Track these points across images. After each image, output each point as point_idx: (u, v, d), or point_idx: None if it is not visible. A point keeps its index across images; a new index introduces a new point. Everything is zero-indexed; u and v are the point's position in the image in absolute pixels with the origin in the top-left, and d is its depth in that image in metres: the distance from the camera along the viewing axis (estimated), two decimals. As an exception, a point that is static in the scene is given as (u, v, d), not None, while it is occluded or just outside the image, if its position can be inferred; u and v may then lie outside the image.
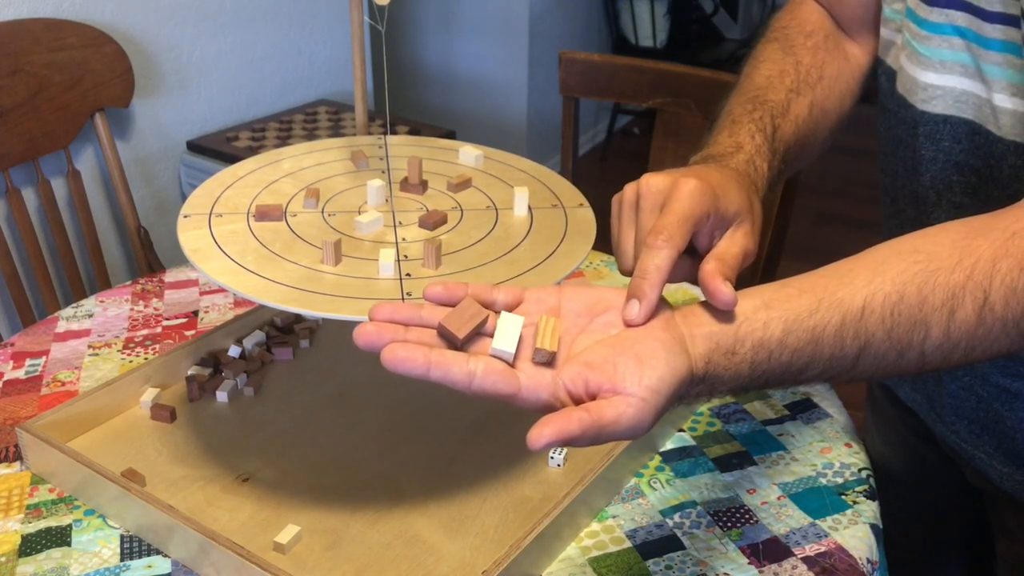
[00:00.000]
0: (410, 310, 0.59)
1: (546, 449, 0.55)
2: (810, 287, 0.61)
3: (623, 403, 0.56)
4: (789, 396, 0.97)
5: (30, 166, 1.61)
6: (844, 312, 0.60)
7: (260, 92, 2.10)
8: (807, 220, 3.18)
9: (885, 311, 0.60)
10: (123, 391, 0.94)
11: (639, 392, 0.56)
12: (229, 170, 0.94)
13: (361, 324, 0.57)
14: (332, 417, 0.94)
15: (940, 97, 0.77)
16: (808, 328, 0.59)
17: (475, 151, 0.98)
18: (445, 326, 0.57)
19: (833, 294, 0.60)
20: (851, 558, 0.77)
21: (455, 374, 0.55)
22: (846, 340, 0.60)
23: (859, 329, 0.60)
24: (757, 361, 0.59)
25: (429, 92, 3.36)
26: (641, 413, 0.56)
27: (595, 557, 0.78)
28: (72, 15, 1.68)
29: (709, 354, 0.59)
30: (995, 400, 0.84)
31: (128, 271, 1.91)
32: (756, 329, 0.59)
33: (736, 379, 0.60)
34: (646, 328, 0.59)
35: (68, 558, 0.78)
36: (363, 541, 0.79)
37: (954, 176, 0.78)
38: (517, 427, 0.92)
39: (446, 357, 0.56)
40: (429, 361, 0.55)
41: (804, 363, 0.60)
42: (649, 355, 0.57)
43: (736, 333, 0.59)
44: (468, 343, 0.58)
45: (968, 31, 0.73)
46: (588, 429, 0.54)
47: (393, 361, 0.55)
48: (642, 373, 0.56)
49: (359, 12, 0.96)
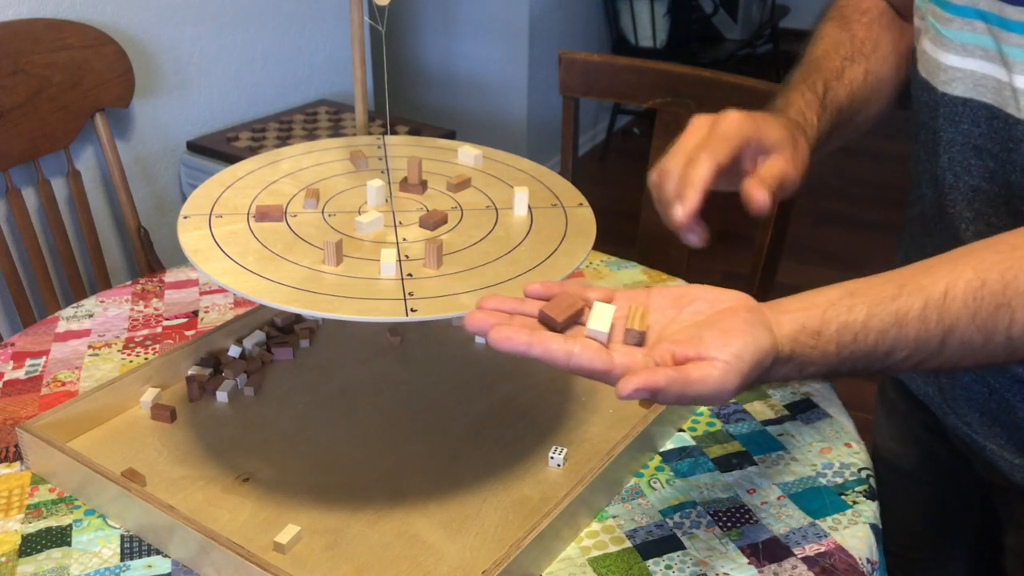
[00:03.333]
0: (513, 302, 0.65)
1: (633, 397, 0.58)
2: (893, 276, 0.64)
3: (708, 365, 0.59)
4: (789, 396, 0.97)
5: (30, 166, 1.61)
6: (927, 297, 0.62)
7: (260, 92, 2.10)
8: (807, 220, 3.18)
9: (968, 296, 0.62)
10: (123, 391, 0.94)
11: (723, 357, 0.59)
12: (228, 170, 0.94)
13: (470, 312, 0.63)
14: (332, 417, 0.94)
15: (960, 80, 0.78)
16: (891, 311, 0.62)
17: (474, 151, 0.98)
18: (546, 312, 0.63)
19: (916, 281, 0.63)
20: (851, 558, 0.77)
21: (555, 351, 0.60)
22: (930, 324, 0.62)
23: (943, 313, 0.62)
24: (843, 343, 0.62)
25: (429, 92, 3.36)
26: (725, 376, 0.59)
27: (595, 557, 0.78)
28: (72, 15, 1.68)
29: (795, 335, 0.62)
30: (1007, 390, 0.84)
31: (128, 271, 1.91)
32: (841, 313, 0.62)
33: (824, 360, 0.62)
34: (731, 310, 0.63)
35: (68, 558, 0.78)
36: (363, 541, 0.79)
37: (972, 159, 0.79)
38: (517, 427, 0.92)
39: (546, 337, 0.61)
40: (531, 340, 0.60)
41: (889, 346, 0.62)
42: (733, 328, 0.61)
43: (822, 316, 0.62)
44: (566, 329, 0.64)
45: (990, 14, 0.73)
46: (673, 382, 0.58)
47: (499, 340, 0.60)
48: (726, 341, 0.60)
49: (359, 12, 0.96)
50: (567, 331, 0.63)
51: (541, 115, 3.33)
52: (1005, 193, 0.77)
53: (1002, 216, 0.78)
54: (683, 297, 0.66)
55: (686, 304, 0.65)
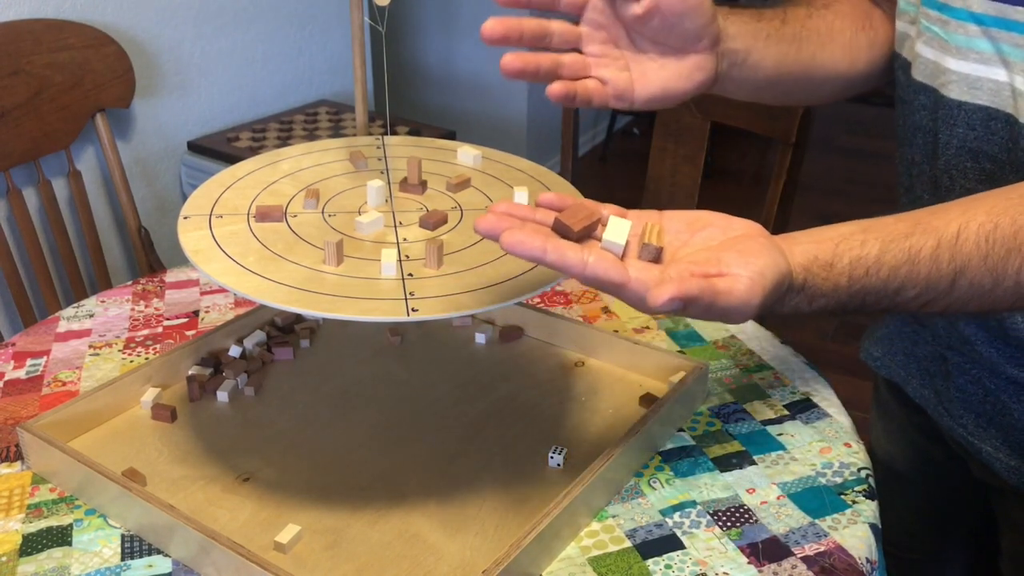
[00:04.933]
0: (526, 210, 0.64)
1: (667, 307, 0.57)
2: (906, 217, 0.65)
3: (733, 279, 0.60)
4: (789, 396, 0.97)
5: (31, 166, 1.61)
6: (939, 236, 0.63)
7: (260, 92, 2.10)
8: (807, 220, 3.17)
9: (980, 237, 0.62)
10: (124, 391, 0.94)
11: (747, 273, 0.60)
12: (228, 171, 0.94)
13: (480, 216, 0.61)
14: (332, 417, 0.94)
15: (956, 83, 0.78)
16: (904, 249, 0.63)
17: (473, 151, 0.99)
18: (562, 220, 0.61)
19: (929, 222, 0.64)
20: (850, 558, 0.77)
21: (570, 258, 0.59)
22: (942, 263, 0.62)
23: (955, 253, 0.63)
24: (855, 276, 0.63)
25: (429, 92, 3.36)
26: (750, 290, 0.59)
27: (595, 557, 0.78)
28: (73, 15, 1.68)
29: (808, 264, 0.62)
30: (1003, 392, 0.84)
31: (129, 271, 1.91)
32: (854, 247, 0.63)
33: (835, 292, 0.63)
34: (746, 235, 0.63)
35: (69, 558, 0.78)
36: (363, 541, 0.79)
37: (968, 162, 0.79)
38: (517, 427, 0.93)
39: (562, 244, 0.59)
40: (546, 246, 0.58)
41: (900, 283, 0.63)
42: (751, 250, 0.61)
43: (835, 248, 0.63)
44: (581, 240, 0.62)
45: (986, 17, 0.73)
46: (705, 291, 0.58)
47: (511, 243, 0.58)
48: (747, 260, 0.60)
49: (359, 12, 0.96)
50: (582, 242, 0.62)
51: (541, 115, 3.33)
52: None
53: None
54: (696, 222, 0.65)
55: (699, 229, 0.65)
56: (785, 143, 1.34)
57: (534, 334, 1.07)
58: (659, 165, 1.43)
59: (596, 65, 0.75)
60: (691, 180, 1.41)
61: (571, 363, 1.02)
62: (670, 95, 0.77)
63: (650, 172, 1.44)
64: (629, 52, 0.76)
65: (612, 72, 0.75)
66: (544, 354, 1.04)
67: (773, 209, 1.34)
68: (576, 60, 0.74)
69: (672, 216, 0.66)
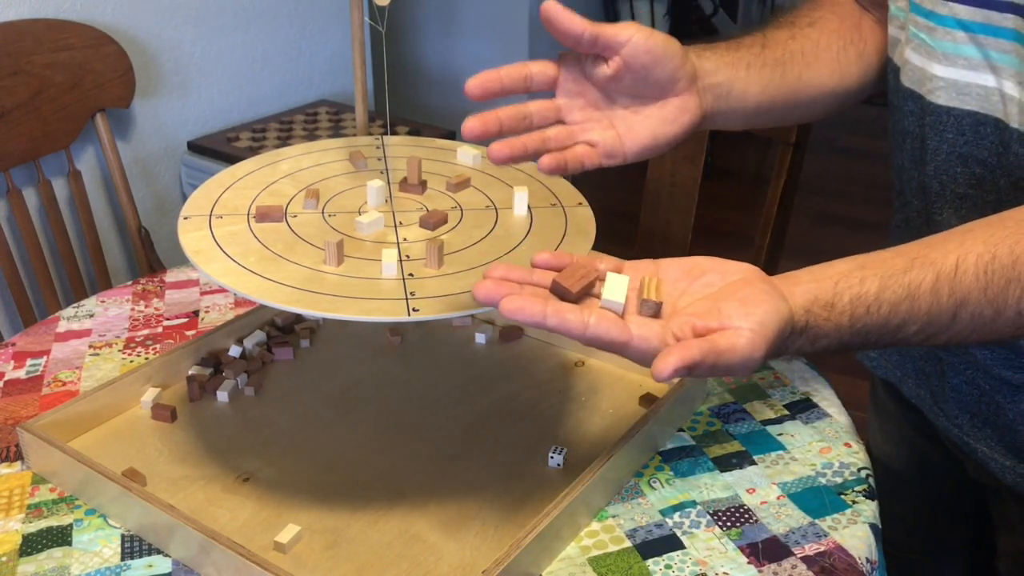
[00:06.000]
0: (523, 272, 0.64)
1: (672, 378, 0.57)
2: (903, 251, 0.64)
3: (734, 334, 0.59)
4: (789, 396, 0.97)
5: (31, 166, 1.61)
6: (938, 270, 0.62)
7: (260, 92, 2.10)
8: (807, 220, 3.18)
9: (979, 269, 0.62)
10: (124, 391, 0.94)
11: (748, 325, 0.59)
12: (228, 171, 0.94)
13: (478, 282, 0.61)
14: (332, 417, 0.94)
15: (943, 89, 0.78)
16: (904, 284, 0.62)
17: (473, 151, 0.99)
18: (559, 282, 0.62)
19: (926, 255, 0.63)
20: (850, 558, 0.77)
21: (571, 322, 0.59)
22: (942, 297, 0.62)
23: (954, 286, 0.62)
24: (856, 315, 0.62)
25: (429, 92, 3.36)
26: (753, 344, 0.59)
27: (595, 557, 0.78)
28: (73, 16, 1.68)
29: (808, 306, 0.62)
30: (997, 393, 0.84)
31: (129, 271, 1.91)
32: (853, 285, 0.62)
33: (837, 333, 0.62)
34: (744, 280, 0.63)
35: (69, 558, 0.78)
36: (363, 541, 0.79)
37: (958, 168, 0.79)
38: (517, 427, 0.93)
39: (562, 307, 0.60)
40: (546, 310, 0.59)
41: (902, 319, 0.62)
42: (751, 298, 0.61)
43: (834, 288, 0.62)
44: (579, 300, 0.62)
45: (973, 23, 0.73)
46: (707, 354, 0.57)
47: (512, 310, 0.59)
48: (748, 311, 0.60)
49: (359, 12, 0.96)
50: (581, 303, 0.62)
51: (541, 115, 3.33)
52: (994, 199, 0.77)
53: None
54: (693, 269, 0.66)
55: (696, 276, 0.65)
56: (785, 143, 1.34)
57: (534, 334, 1.07)
58: (659, 165, 1.43)
59: (581, 131, 0.77)
60: (691, 180, 1.41)
61: (571, 363, 1.02)
62: (660, 142, 0.78)
63: (650, 172, 1.44)
64: (609, 111, 0.77)
65: (598, 134, 0.76)
66: (544, 354, 1.04)
67: (773, 209, 1.34)
68: (560, 131, 0.76)
69: (668, 265, 0.66)
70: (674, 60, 0.75)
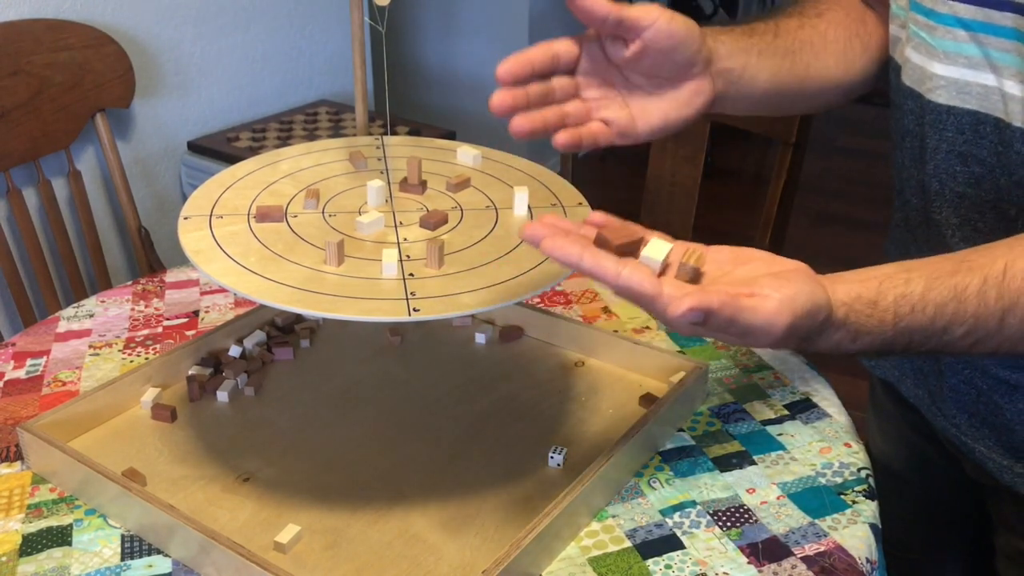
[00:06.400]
0: (572, 224, 0.66)
1: (686, 318, 0.58)
2: (950, 256, 0.64)
3: (762, 299, 0.59)
4: (789, 396, 0.97)
5: (31, 166, 1.61)
6: (985, 274, 0.62)
7: (260, 92, 2.10)
8: (807, 220, 3.18)
9: None
10: (124, 391, 0.94)
11: (777, 295, 0.59)
12: (228, 171, 0.94)
13: (528, 222, 0.63)
14: (332, 417, 0.94)
15: (943, 88, 0.78)
16: (950, 286, 0.62)
17: (473, 151, 0.99)
18: (604, 234, 0.63)
19: (973, 260, 0.63)
20: (850, 558, 0.77)
21: (606, 267, 0.60)
22: (989, 300, 0.62)
23: (1002, 290, 0.62)
24: (900, 314, 0.62)
25: (429, 92, 3.36)
26: (778, 311, 0.59)
27: (595, 557, 0.78)
28: (73, 16, 1.68)
29: (851, 302, 0.62)
30: (995, 392, 0.84)
31: (129, 271, 1.91)
32: (898, 285, 0.62)
33: (880, 330, 0.62)
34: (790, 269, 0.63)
35: (69, 558, 0.78)
36: (363, 541, 0.79)
37: (957, 166, 0.79)
38: (517, 427, 0.93)
39: (599, 252, 0.61)
40: (583, 252, 0.60)
41: (947, 320, 0.62)
42: (787, 276, 0.61)
43: (879, 287, 0.62)
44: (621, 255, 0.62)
45: (974, 22, 0.73)
46: (726, 305, 0.58)
47: (552, 247, 0.60)
48: (780, 284, 0.60)
49: (359, 12, 0.96)
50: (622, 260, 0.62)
51: (541, 115, 3.33)
52: (993, 198, 0.77)
53: (989, 221, 0.78)
54: (741, 255, 0.66)
55: (743, 262, 0.65)
56: (785, 143, 1.34)
57: (534, 334, 1.07)
58: (659, 165, 1.43)
59: (597, 108, 0.77)
60: (691, 180, 1.41)
61: (571, 363, 1.02)
62: (672, 124, 0.78)
63: (650, 172, 1.44)
64: (625, 91, 0.78)
65: (613, 112, 0.77)
66: (544, 354, 1.04)
67: (773, 209, 1.34)
68: (579, 107, 0.76)
69: (719, 248, 0.67)
70: (694, 45, 0.76)
